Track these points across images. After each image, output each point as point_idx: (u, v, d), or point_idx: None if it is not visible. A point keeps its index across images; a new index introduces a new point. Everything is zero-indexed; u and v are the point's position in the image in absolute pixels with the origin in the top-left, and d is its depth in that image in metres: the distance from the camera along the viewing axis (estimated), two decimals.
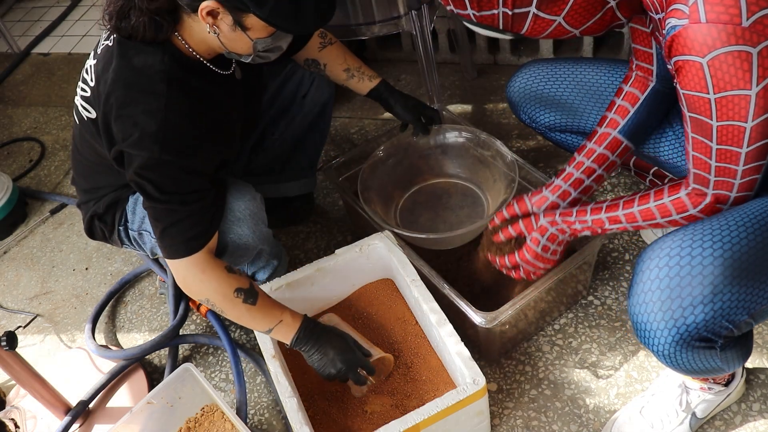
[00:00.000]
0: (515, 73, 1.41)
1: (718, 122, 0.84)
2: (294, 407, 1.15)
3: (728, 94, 0.81)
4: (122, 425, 1.26)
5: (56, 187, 2.17)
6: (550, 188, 1.23)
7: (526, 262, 1.20)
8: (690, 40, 0.78)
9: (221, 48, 1.13)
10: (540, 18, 0.88)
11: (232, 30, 1.07)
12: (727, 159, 0.88)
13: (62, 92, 2.63)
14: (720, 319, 0.84)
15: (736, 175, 0.89)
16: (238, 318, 1.20)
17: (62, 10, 3.14)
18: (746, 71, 0.78)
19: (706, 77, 0.80)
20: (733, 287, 0.83)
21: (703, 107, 0.84)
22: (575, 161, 1.21)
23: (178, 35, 1.13)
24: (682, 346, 0.87)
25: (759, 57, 0.76)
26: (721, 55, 0.77)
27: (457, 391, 1.12)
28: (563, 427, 1.28)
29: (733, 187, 0.91)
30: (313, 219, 1.82)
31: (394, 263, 1.36)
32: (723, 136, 0.86)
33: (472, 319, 1.21)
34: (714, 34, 0.76)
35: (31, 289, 1.84)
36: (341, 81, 1.50)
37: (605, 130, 1.19)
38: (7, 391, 1.57)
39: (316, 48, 1.46)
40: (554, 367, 1.37)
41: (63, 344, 1.67)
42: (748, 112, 0.81)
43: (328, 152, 2.01)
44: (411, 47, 2.26)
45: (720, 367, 0.93)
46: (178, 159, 1.10)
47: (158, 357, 1.58)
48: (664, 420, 1.19)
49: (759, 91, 0.79)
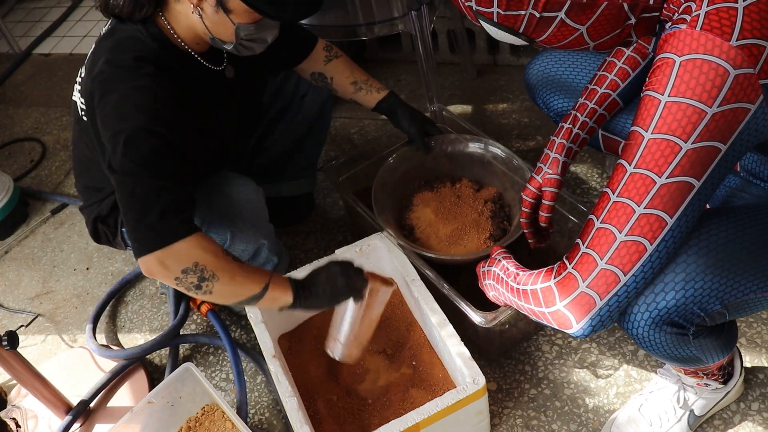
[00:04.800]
0: (535, 56, 1.42)
1: (653, 134, 0.77)
2: (294, 407, 1.16)
3: (683, 101, 0.74)
4: (123, 424, 1.26)
5: (57, 187, 2.17)
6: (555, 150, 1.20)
7: None
8: (678, 40, 0.76)
9: (206, 33, 1.14)
10: (565, 25, 0.84)
11: (215, 12, 1.08)
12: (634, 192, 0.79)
13: (63, 92, 2.64)
14: (691, 305, 0.86)
15: (626, 224, 0.80)
16: (232, 277, 1.07)
17: (63, 11, 3.14)
18: (716, 87, 0.73)
19: (670, 76, 0.75)
20: (705, 276, 0.85)
21: (647, 112, 0.78)
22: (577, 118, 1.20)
23: (165, 21, 1.15)
24: (654, 329, 0.88)
25: (734, 81, 0.73)
26: (698, 60, 0.74)
27: (456, 391, 1.12)
28: (563, 426, 1.28)
29: (611, 246, 0.81)
30: (313, 219, 1.82)
31: (394, 263, 1.37)
32: (648, 155, 0.77)
33: (471, 318, 1.21)
34: (701, 41, 0.74)
35: (32, 288, 1.85)
36: (349, 94, 1.50)
37: (605, 91, 1.19)
38: (9, 390, 1.58)
39: (321, 61, 1.47)
40: (554, 366, 1.38)
41: (64, 344, 1.68)
42: (695, 130, 0.74)
43: (328, 152, 2.02)
44: (411, 47, 2.27)
45: (696, 355, 0.94)
46: (166, 132, 1.08)
47: (159, 356, 1.58)
48: (662, 417, 1.19)
49: (717, 113, 0.74)
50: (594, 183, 1.74)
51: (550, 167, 1.19)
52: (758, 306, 0.91)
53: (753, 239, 0.88)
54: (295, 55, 1.46)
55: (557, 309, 0.87)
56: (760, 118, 0.76)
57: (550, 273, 0.90)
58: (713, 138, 0.75)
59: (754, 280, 0.87)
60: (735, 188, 1.09)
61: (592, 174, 1.76)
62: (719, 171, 0.78)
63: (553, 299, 0.88)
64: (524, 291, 0.95)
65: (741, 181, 1.08)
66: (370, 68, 2.30)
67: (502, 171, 1.54)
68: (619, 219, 0.80)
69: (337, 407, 1.31)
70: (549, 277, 0.89)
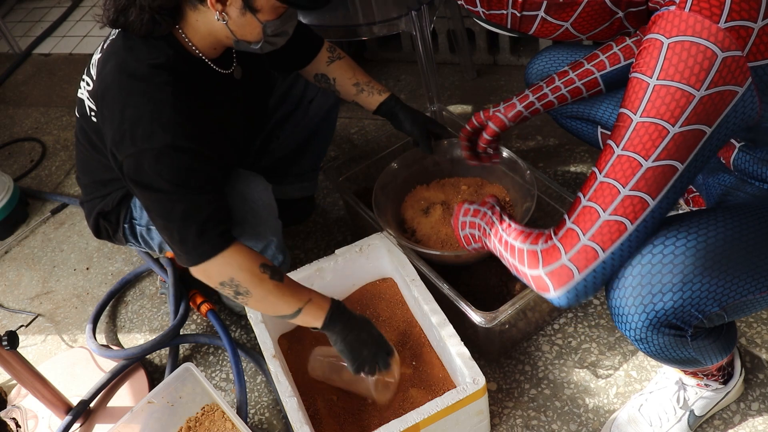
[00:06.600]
0: (535, 55, 1.44)
1: (642, 117, 0.77)
2: (294, 407, 1.16)
3: (672, 85, 0.75)
4: (123, 424, 1.26)
5: (57, 187, 2.17)
6: (519, 98, 1.34)
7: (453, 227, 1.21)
8: (666, 21, 0.75)
9: (229, 38, 1.13)
10: (548, 22, 0.88)
11: (241, 14, 1.08)
12: (620, 174, 0.80)
13: (63, 92, 2.64)
14: (689, 308, 0.85)
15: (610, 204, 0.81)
16: (264, 297, 1.13)
17: (63, 11, 3.14)
18: (704, 70, 0.73)
19: (658, 58, 0.75)
20: (703, 278, 0.84)
21: (635, 95, 0.78)
22: (553, 80, 1.30)
23: (181, 32, 1.13)
24: (652, 331, 0.88)
25: (722, 63, 0.73)
26: (686, 42, 0.73)
27: (456, 391, 1.12)
28: (563, 426, 1.28)
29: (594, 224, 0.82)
30: (313, 219, 1.82)
31: (394, 263, 1.37)
32: (636, 138, 0.78)
33: (471, 318, 1.21)
34: (690, 22, 0.73)
35: (33, 288, 1.85)
36: (351, 96, 1.50)
37: (590, 68, 1.27)
38: (9, 390, 1.58)
39: (324, 62, 1.47)
40: (554, 366, 1.38)
41: (64, 344, 1.68)
42: (683, 113, 0.75)
43: (328, 152, 2.01)
44: (411, 47, 2.27)
45: (695, 357, 0.94)
46: (194, 145, 1.09)
47: (159, 356, 1.58)
48: (662, 417, 1.19)
49: (704, 96, 0.74)
50: None
51: (505, 109, 1.34)
52: (757, 306, 0.91)
53: (750, 239, 0.88)
54: (302, 56, 1.46)
55: (539, 274, 0.89)
56: (747, 101, 0.76)
57: (538, 239, 0.91)
58: (699, 121, 0.76)
59: (752, 281, 0.87)
60: (730, 187, 1.08)
61: None
62: (703, 154, 0.79)
63: (536, 264, 0.89)
64: (511, 246, 0.96)
65: (736, 180, 1.08)
66: (370, 68, 2.31)
67: (503, 171, 1.54)
68: (605, 199, 0.82)
69: (337, 407, 1.31)
70: (537, 242, 0.91)
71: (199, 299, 1.57)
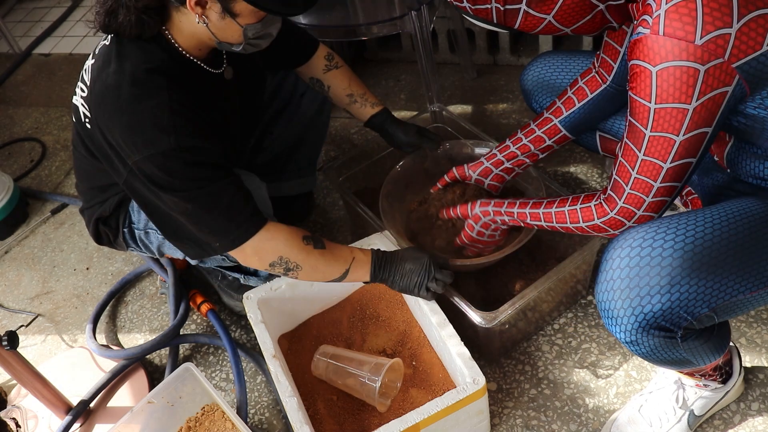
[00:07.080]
0: (531, 61, 1.44)
1: (652, 132, 0.86)
2: (294, 407, 1.16)
3: (668, 106, 0.83)
4: (123, 424, 1.26)
5: (57, 187, 2.17)
6: (486, 156, 1.38)
7: (468, 242, 1.32)
8: (647, 48, 0.81)
9: (212, 40, 1.13)
10: (530, 15, 0.92)
11: (221, 18, 1.08)
12: (648, 173, 0.90)
13: (63, 93, 2.64)
14: (678, 309, 0.86)
15: (650, 192, 0.92)
16: (314, 267, 1.18)
17: (63, 11, 3.15)
18: (690, 86, 0.80)
19: (652, 86, 0.83)
20: (691, 280, 0.85)
21: (642, 115, 0.86)
22: (515, 137, 1.34)
23: (168, 33, 1.14)
24: (642, 333, 0.88)
25: (705, 74, 0.79)
26: (670, 68, 0.80)
27: (456, 391, 1.12)
28: (563, 426, 1.28)
29: (643, 204, 0.93)
30: (313, 219, 1.82)
31: None
32: (652, 147, 0.88)
33: (471, 318, 1.21)
34: (668, 47, 0.79)
35: (33, 288, 1.85)
36: (343, 105, 1.51)
37: (548, 116, 1.30)
38: (9, 390, 1.58)
39: (320, 69, 1.48)
40: (554, 366, 1.38)
41: (64, 344, 1.68)
42: (683, 125, 0.84)
43: (328, 152, 2.02)
44: (411, 47, 2.27)
45: (687, 358, 0.94)
46: (197, 142, 1.09)
47: (159, 356, 1.58)
48: (662, 418, 1.19)
49: (697, 107, 0.82)
50: (594, 183, 1.74)
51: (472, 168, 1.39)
52: (748, 306, 0.91)
53: (738, 239, 0.88)
54: (293, 58, 1.47)
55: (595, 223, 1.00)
56: (737, 93, 0.83)
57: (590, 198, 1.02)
58: (698, 127, 0.84)
59: (741, 281, 0.87)
60: (723, 186, 1.09)
61: (592, 174, 1.76)
62: (709, 143, 0.88)
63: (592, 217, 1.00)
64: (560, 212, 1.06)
65: (729, 178, 1.08)
66: (370, 68, 2.31)
67: None
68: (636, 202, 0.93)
69: (337, 407, 1.31)
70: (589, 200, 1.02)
71: (199, 299, 1.57)
